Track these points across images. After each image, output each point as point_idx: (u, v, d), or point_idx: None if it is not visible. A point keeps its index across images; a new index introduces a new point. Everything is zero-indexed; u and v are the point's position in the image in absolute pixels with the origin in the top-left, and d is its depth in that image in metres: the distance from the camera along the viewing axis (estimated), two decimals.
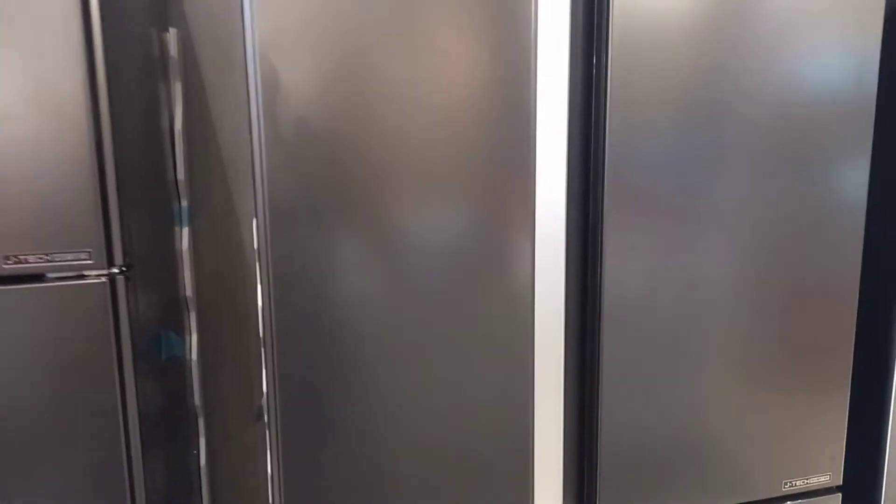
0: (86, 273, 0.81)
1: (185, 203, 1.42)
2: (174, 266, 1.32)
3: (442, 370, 0.94)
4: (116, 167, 0.82)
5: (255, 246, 1.47)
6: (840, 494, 1.12)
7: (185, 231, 1.42)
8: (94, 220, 0.80)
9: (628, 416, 1.01)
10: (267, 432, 1.53)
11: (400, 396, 0.94)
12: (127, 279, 0.84)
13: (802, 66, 0.99)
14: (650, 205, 0.97)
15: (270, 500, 1.56)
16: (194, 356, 1.41)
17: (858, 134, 1.03)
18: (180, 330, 1.34)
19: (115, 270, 0.83)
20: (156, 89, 1.29)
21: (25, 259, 0.78)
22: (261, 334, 1.47)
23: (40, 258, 0.78)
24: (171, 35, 1.38)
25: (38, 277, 0.80)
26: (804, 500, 1.10)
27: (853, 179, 1.04)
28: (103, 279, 0.81)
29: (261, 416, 1.52)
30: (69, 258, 0.80)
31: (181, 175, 1.40)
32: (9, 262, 0.78)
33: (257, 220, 0.89)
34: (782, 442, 1.07)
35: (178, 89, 1.40)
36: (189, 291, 1.43)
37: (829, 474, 1.10)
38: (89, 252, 0.80)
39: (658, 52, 0.94)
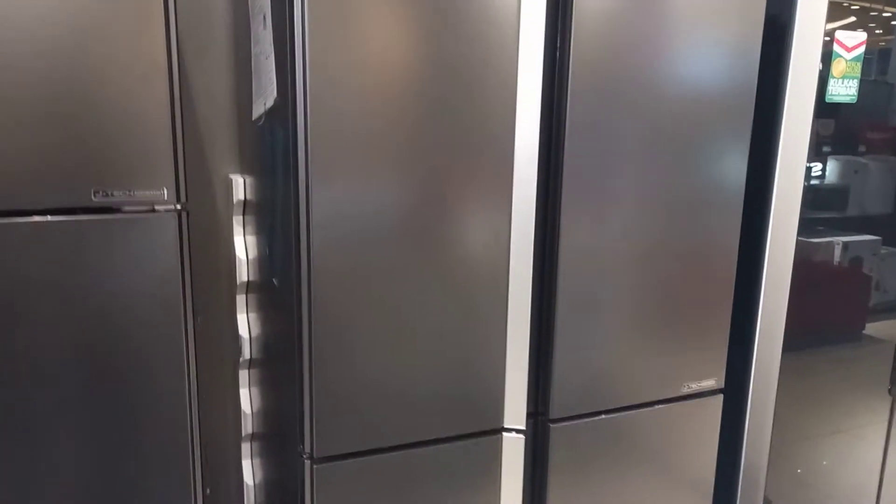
0: (157, 207, 0.96)
1: None
2: None
3: (436, 306, 1.17)
4: (183, 124, 0.97)
5: (239, 199, 1.62)
6: (722, 395, 1.47)
7: None
8: (168, 163, 0.95)
9: (575, 341, 1.29)
10: (247, 371, 1.69)
11: (403, 331, 1.14)
12: (187, 213, 1.00)
13: (692, 64, 1.29)
14: (582, 186, 1.24)
15: (243, 433, 1.72)
16: None
17: (740, 126, 1.36)
18: None
19: (179, 207, 0.99)
20: None
21: (111, 193, 0.92)
22: (238, 281, 1.62)
23: (124, 192, 0.93)
24: None
25: (118, 209, 0.94)
26: (698, 399, 1.44)
27: (735, 164, 1.37)
28: (173, 212, 0.97)
29: (236, 356, 1.66)
30: (148, 194, 0.94)
31: None
32: (97, 195, 0.91)
33: (299, 174, 1.06)
34: (683, 355, 1.40)
35: None
36: None
37: (715, 379, 1.45)
38: (164, 189, 0.95)
39: (604, 48, 1.20)
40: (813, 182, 1.52)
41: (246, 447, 1.76)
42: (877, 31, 1.54)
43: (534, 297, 1.24)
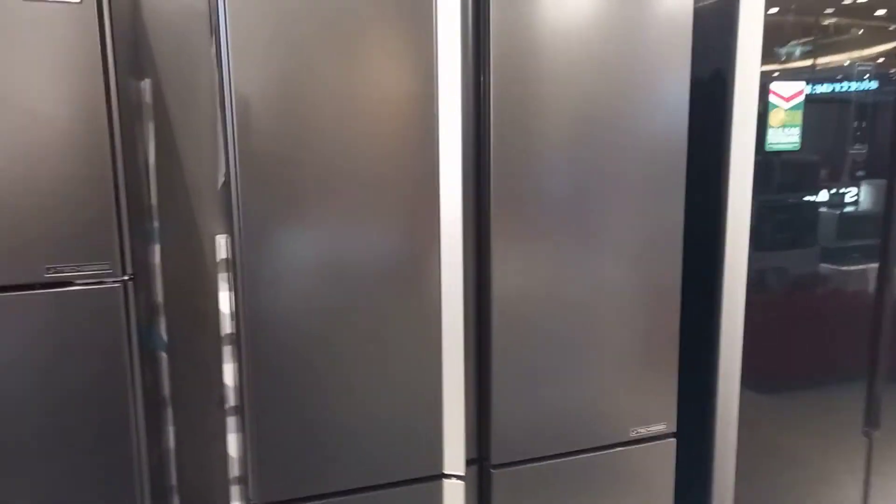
0: (104, 280, 1.09)
1: (156, 224, 1.69)
2: (150, 277, 1.58)
3: (373, 355, 1.26)
4: (127, 197, 1.10)
5: (222, 258, 1.76)
6: (675, 439, 1.49)
7: (157, 247, 1.69)
8: (112, 238, 1.08)
9: (514, 385, 1.35)
10: (233, 417, 1.80)
11: (342, 379, 1.24)
12: (134, 285, 1.12)
13: (627, 115, 1.36)
14: (513, 231, 1.31)
15: (230, 476, 1.83)
16: (164, 352, 1.68)
17: (674, 174, 1.40)
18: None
19: (126, 278, 1.11)
20: (134, 130, 1.56)
21: (62, 269, 1.05)
22: (223, 333, 1.74)
23: (72, 268, 1.06)
24: (146, 84, 1.66)
25: (69, 283, 1.07)
26: (648, 444, 1.47)
27: (672, 210, 1.42)
28: (119, 284, 1.10)
29: (222, 403, 1.78)
30: (94, 268, 1.08)
31: (153, 200, 1.67)
32: (49, 272, 1.05)
33: (232, 235, 1.18)
34: (630, 399, 1.44)
35: (151, 128, 1.67)
36: (160, 298, 1.69)
37: (666, 423, 1.48)
38: (109, 263, 1.08)
39: (532, 87, 1.28)
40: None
41: (234, 490, 1.87)
42: None
43: (468, 336, 1.31)
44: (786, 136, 1.49)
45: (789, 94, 1.47)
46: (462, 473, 1.32)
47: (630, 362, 1.43)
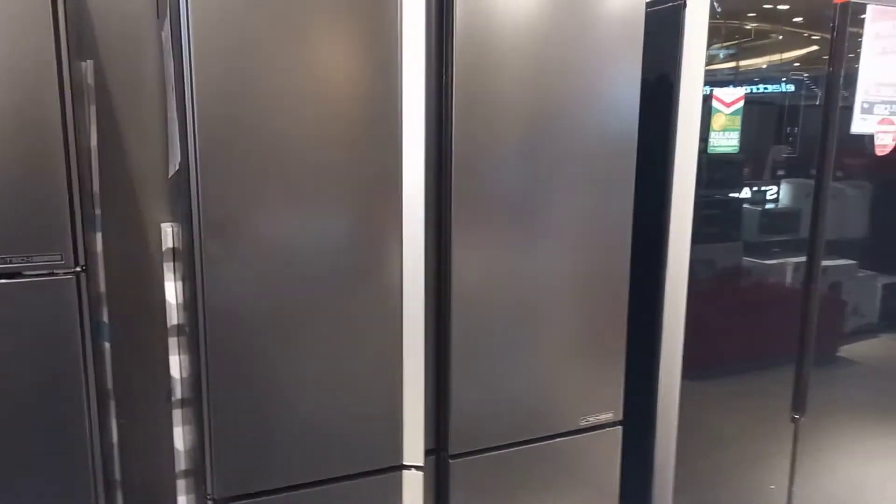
0: (56, 271, 1.05)
1: (98, 212, 1.62)
2: (94, 266, 1.52)
3: (332, 346, 1.25)
4: (80, 186, 1.06)
5: (169, 247, 1.70)
6: (621, 427, 1.56)
7: (99, 236, 1.62)
8: (63, 227, 1.04)
9: (471, 377, 1.37)
10: (179, 410, 1.76)
11: (302, 371, 1.23)
12: (87, 276, 1.08)
13: (580, 114, 1.40)
14: (472, 224, 1.33)
15: (177, 470, 1.78)
16: (108, 345, 1.62)
17: (624, 171, 1.46)
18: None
19: (79, 269, 1.07)
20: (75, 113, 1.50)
21: (10, 260, 1.00)
22: (169, 324, 1.69)
23: (21, 259, 1.01)
24: (88, 65, 1.58)
25: (18, 274, 1.02)
26: (597, 431, 1.53)
27: (620, 206, 1.47)
28: (71, 276, 1.05)
29: (170, 396, 1.74)
30: (44, 259, 1.03)
31: (96, 187, 1.60)
32: None
33: (190, 223, 1.15)
34: (580, 389, 1.49)
35: (92, 112, 1.60)
36: (103, 288, 1.63)
37: (613, 412, 1.54)
38: (60, 254, 1.04)
39: (493, 82, 1.30)
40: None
41: (181, 484, 1.82)
42: None
43: (428, 334, 1.33)
44: (726, 140, 1.57)
45: (730, 99, 1.55)
46: (421, 464, 1.34)
47: (581, 354, 1.48)
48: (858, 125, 1.74)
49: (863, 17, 1.67)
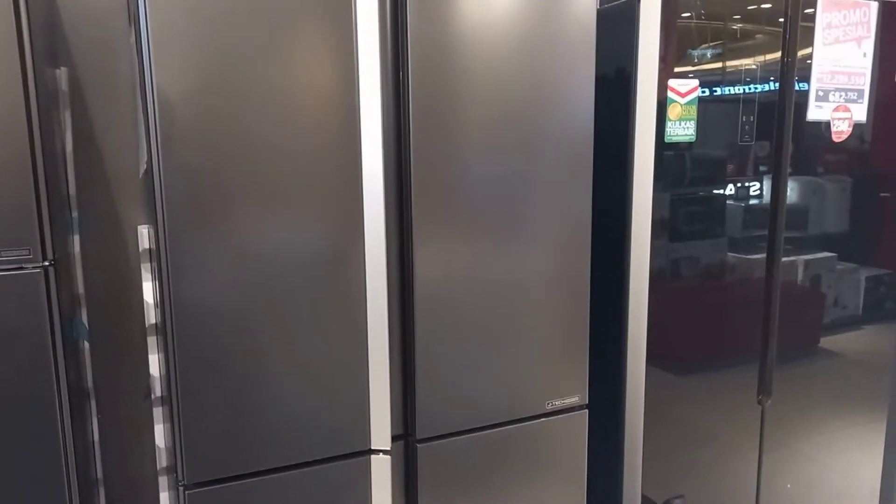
0: (24, 266, 1.09)
1: (75, 214, 1.67)
2: (70, 267, 1.56)
3: (299, 339, 1.30)
4: (46, 183, 1.10)
5: (145, 247, 1.75)
6: (586, 411, 1.60)
7: (76, 238, 1.67)
8: (31, 222, 1.08)
9: (437, 363, 1.42)
10: (159, 408, 1.79)
11: (270, 363, 1.27)
12: (56, 271, 1.12)
13: (538, 109, 1.45)
14: (433, 212, 1.38)
15: (158, 467, 1.82)
16: (87, 344, 1.66)
17: (582, 162, 1.51)
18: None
19: (47, 264, 1.11)
20: (50, 118, 1.54)
21: None
22: (148, 323, 1.73)
23: None
24: (62, 72, 1.63)
25: None
26: (563, 415, 1.57)
27: (580, 192, 1.52)
28: (39, 270, 1.10)
29: (148, 394, 1.78)
30: (12, 254, 1.07)
31: (72, 190, 1.65)
32: None
33: (158, 225, 1.20)
34: (545, 374, 1.53)
35: (67, 117, 1.65)
36: (81, 289, 1.67)
37: (579, 396, 1.58)
38: (28, 249, 1.08)
39: (449, 81, 1.35)
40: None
41: (163, 480, 1.86)
42: None
43: (392, 320, 1.37)
44: (682, 129, 1.62)
45: (685, 90, 1.60)
46: (388, 448, 1.38)
47: (545, 340, 1.52)
48: (814, 113, 1.79)
49: (812, 10, 1.73)
